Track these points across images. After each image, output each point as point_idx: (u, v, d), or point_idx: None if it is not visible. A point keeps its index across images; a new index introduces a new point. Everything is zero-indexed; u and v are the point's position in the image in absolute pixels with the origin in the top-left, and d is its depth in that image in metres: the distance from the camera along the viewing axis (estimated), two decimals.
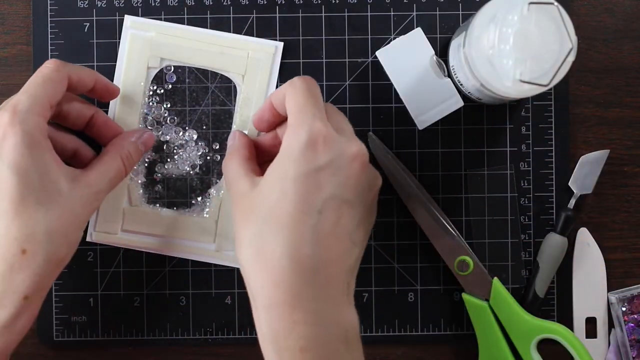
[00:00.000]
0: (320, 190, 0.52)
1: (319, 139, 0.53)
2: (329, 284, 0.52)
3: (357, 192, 0.54)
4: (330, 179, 0.53)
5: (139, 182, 0.66)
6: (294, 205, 0.52)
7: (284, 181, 0.53)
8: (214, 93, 0.66)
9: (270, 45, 0.65)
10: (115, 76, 0.65)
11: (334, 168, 0.53)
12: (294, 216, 0.52)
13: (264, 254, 0.52)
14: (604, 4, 0.67)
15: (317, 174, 0.52)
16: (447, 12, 0.66)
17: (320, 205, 0.52)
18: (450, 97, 0.63)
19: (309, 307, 0.51)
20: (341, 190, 0.53)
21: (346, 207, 0.53)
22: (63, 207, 0.55)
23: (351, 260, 0.54)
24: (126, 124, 0.65)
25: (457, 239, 0.65)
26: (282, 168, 0.53)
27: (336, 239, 0.53)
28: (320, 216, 0.52)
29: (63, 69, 0.58)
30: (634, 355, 0.65)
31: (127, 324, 0.66)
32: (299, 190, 0.52)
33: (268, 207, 0.53)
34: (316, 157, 0.53)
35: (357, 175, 0.54)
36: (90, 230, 0.65)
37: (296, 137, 0.53)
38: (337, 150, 0.53)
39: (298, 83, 0.56)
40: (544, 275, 0.65)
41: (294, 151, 0.53)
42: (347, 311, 0.53)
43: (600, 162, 0.66)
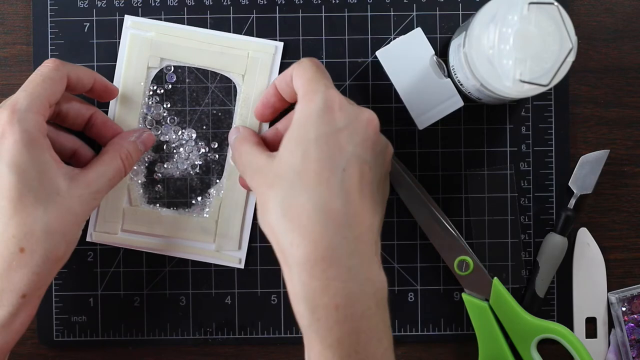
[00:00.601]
0: (342, 149, 0.53)
1: (335, 104, 0.54)
2: (360, 241, 0.53)
3: (375, 154, 0.55)
4: (350, 140, 0.53)
5: (139, 182, 0.66)
6: (319, 163, 0.53)
7: (306, 142, 0.53)
8: (214, 93, 0.66)
9: (270, 45, 0.65)
10: (115, 76, 0.65)
11: (351, 130, 0.54)
12: (321, 174, 0.52)
13: (295, 212, 0.52)
14: (604, 4, 0.67)
15: (337, 135, 0.53)
16: (447, 12, 0.66)
17: (344, 163, 0.53)
18: (450, 97, 0.63)
19: (344, 263, 0.52)
20: (360, 150, 0.54)
21: (366, 166, 0.54)
22: (61, 205, 0.55)
23: (377, 218, 0.54)
24: (126, 124, 0.65)
25: (457, 239, 0.65)
26: (301, 131, 0.54)
27: (362, 195, 0.53)
28: (344, 173, 0.53)
29: (62, 68, 0.58)
30: (634, 355, 0.65)
31: (127, 324, 0.66)
32: (322, 150, 0.53)
33: (292, 169, 0.53)
34: (334, 119, 0.54)
35: (372, 138, 0.55)
36: (90, 231, 0.65)
37: (312, 102, 0.54)
38: (352, 115, 0.54)
39: (305, 61, 0.57)
40: (544, 275, 0.65)
41: (312, 114, 0.54)
42: (377, 270, 0.54)
43: (600, 162, 0.66)
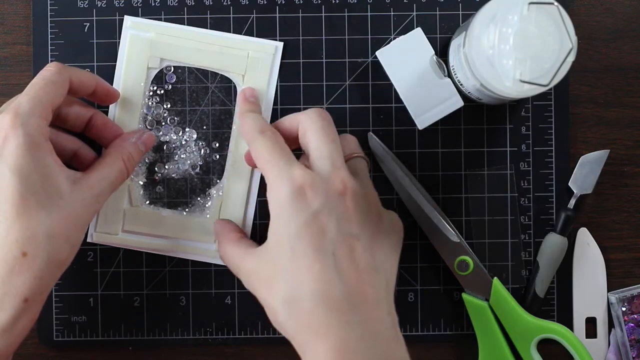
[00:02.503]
0: (325, 232, 0.53)
1: (305, 187, 0.53)
2: (369, 319, 0.52)
3: (359, 222, 0.54)
4: (331, 219, 0.53)
5: (140, 183, 0.65)
6: (308, 257, 0.52)
7: (289, 240, 0.53)
8: (214, 93, 0.66)
9: (270, 45, 0.65)
10: (115, 76, 0.65)
11: (329, 208, 0.53)
12: (312, 268, 0.52)
13: (298, 310, 0.52)
14: (604, 4, 0.67)
15: (316, 219, 0.53)
16: (447, 12, 0.66)
17: (331, 247, 0.53)
18: (450, 97, 0.63)
19: (358, 347, 0.51)
20: (343, 226, 0.53)
21: (354, 240, 0.53)
22: (64, 209, 0.55)
23: (381, 288, 0.54)
24: (126, 125, 0.65)
25: (457, 239, 0.65)
26: (281, 228, 0.54)
27: (358, 272, 0.53)
28: (335, 258, 0.52)
29: (64, 71, 0.58)
30: (634, 355, 0.65)
31: (127, 324, 0.66)
32: (307, 242, 0.52)
33: (284, 268, 0.53)
34: (308, 204, 0.53)
35: (351, 208, 0.54)
36: (90, 231, 0.65)
37: (281, 193, 0.54)
38: (325, 190, 0.54)
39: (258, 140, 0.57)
40: (544, 275, 0.65)
41: (285, 207, 0.53)
42: (394, 346, 0.53)
43: (600, 162, 0.66)
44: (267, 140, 0.57)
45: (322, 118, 0.57)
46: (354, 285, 0.52)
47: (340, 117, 0.66)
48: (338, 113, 0.66)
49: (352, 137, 0.62)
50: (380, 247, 0.55)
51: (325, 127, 0.57)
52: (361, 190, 0.55)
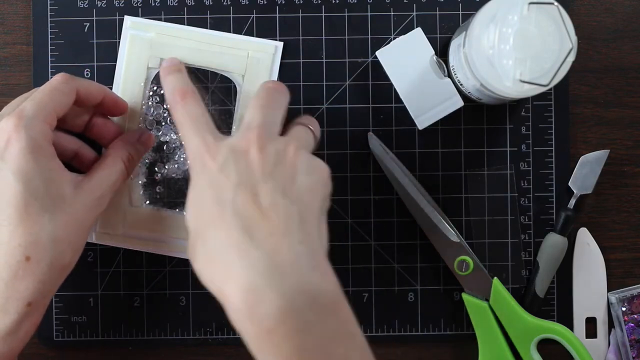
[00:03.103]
0: (225, 186, 0.52)
1: (205, 155, 0.53)
2: (278, 251, 0.50)
3: (265, 169, 0.52)
4: (230, 174, 0.52)
5: (140, 183, 0.65)
6: (210, 211, 0.52)
7: (196, 201, 0.53)
8: (214, 93, 0.66)
9: (270, 45, 0.65)
10: (115, 76, 0.65)
11: (231, 163, 0.52)
12: (215, 218, 0.51)
13: (212, 259, 0.51)
14: (604, 4, 0.67)
15: (216, 179, 0.52)
16: (447, 12, 0.66)
17: (231, 196, 0.51)
18: (450, 97, 0.63)
19: (264, 283, 0.49)
20: (246, 177, 0.52)
21: (260, 184, 0.52)
22: (67, 213, 0.55)
23: (292, 218, 0.51)
24: (126, 125, 0.65)
25: (457, 239, 0.65)
26: (191, 195, 0.54)
27: (262, 209, 0.51)
28: (235, 203, 0.51)
29: (71, 81, 0.58)
30: (634, 355, 0.65)
31: (127, 324, 0.66)
32: (207, 199, 0.52)
33: (197, 231, 0.52)
34: (208, 169, 0.53)
35: (256, 159, 0.53)
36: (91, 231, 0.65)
37: (191, 167, 0.54)
38: (227, 152, 0.53)
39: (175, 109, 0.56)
40: (544, 275, 0.65)
41: (193, 179, 0.54)
42: (310, 273, 0.50)
43: (600, 162, 0.66)
44: (182, 108, 0.56)
45: (264, 86, 0.57)
46: (256, 223, 0.51)
47: (340, 117, 0.66)
48: (338, 113, 0.66)
49: (313, 118, 0.61)
50: (295, 186, 0.53)
51: (262, 95, 0.57)
52: (273, 145, 0.54)
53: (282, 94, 0.58)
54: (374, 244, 0.66)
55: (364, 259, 0.66)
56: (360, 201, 0.66)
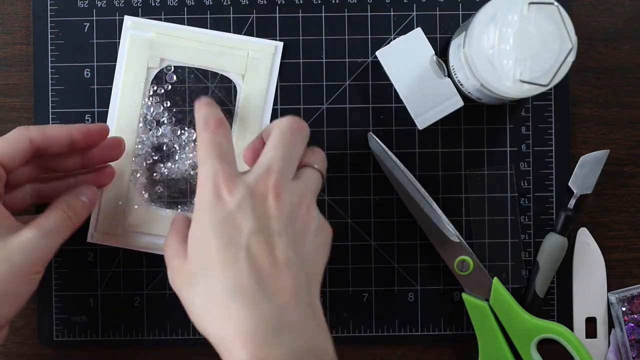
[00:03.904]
0: (240, 229, 0.52)
1: (222, 188, 0.53)
2: (286, 310, 0.50)
3: (281, 222, 0.53)
4: (247, 218, 0.52)
5: (140, 183, 0.66)
6: (221, 250, 0.51)
7: (206, 237, 0.52)
8: (214, 93, 0.66)
9: (270, 45, 0.65)
10: (115, 76, 0.65)
11: (249, 207, 0.52)
12: (225, 260, 0.51)
13: (215, 305, 0.51)
14: (604, 4, 0.67)
15: (232, 218, 0.52)
16: (447, 12, 0.66)
17: (245, 241, 0.51)
18: (450, 97, 0.63)
19: (271, 339, 0.49)
20: (262, 224, 0.52)
21: (274, 236, 0.52)
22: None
23: (301, 280, 0.52)
24: (126, 124, 0.65)
25: (457, 239, 0.65)
26: (199, 227, 0.53)
27: (276, 265, 0.51)
28: (249, 251, 0.51)
29: (23, 130, 0.58)
30: (634, 355, 0.65)
31: (127, 324, 0.66)
32: (220, 237, 0.52)
33: (202, 266, 0.52)
34: (225, 203, 0.52)
35: (273, 208, 0.53)
36: (90, 231, 0.65)
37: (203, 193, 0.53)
38: (245, 192, 0.53)
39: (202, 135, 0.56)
40: (544, 275, 0.65)
41: (204, 205, 0.53)
42: (316, 335, 0.51)
43: (600, 162, 0.66)
44: (211, 135, 0.55)
45: (288, 125, 0.56)
46: (269, 275, 0.51)
47: (340, 117, 0.66)
48: (338, 113, 0.66)
49: (320, 152, 0.59)
50: (305, 245, 0.54)
51: (284, 134, 0.56)
52: (289, 195, 0.54)
53: (304, 135, 0.57)
54: (374, 244, 0.66)
55: (364, 259, 0.66)
56: (360, 201, 0.66)
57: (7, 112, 0.67)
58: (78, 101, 0.66)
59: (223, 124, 0.56)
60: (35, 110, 0.66)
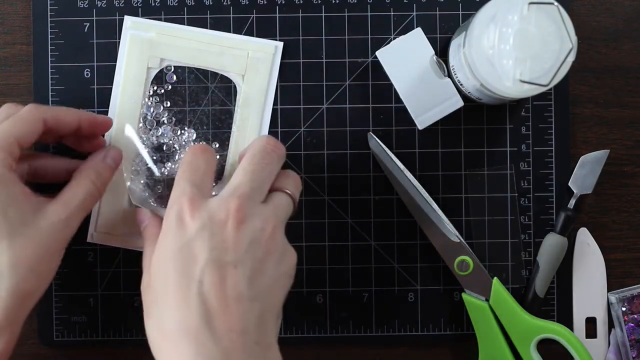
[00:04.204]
0: (195, 259, 0.51)
1: (185, 211, 0.53)
2: (233, 350, 0.50)
3: (238, 250, 0.52)
4: (204, 246, 0.52)
5: (140, 183, 0.65)
6: (175, 283, 0.51)
7: (164, 265, 0.52)
8: (214, 93, 0.66)
9: (270, 45, 0.65)
10: (115, 76, 0.65)
11: (206, 236, 0.52)
12: (178, 293, 0.51)
13: (168, 337, 0.51)
14: (604, 4, 0.67)
15: (189, 246, 0.52)
16: (447, 12, 0.66)
17: (199, 274, 0.51)
18: (450, 97, 0.63)
19: None
20: (218, 254, 0.52)
21: (229, 267, 0.51)
22: (28, 238, 0.54)
23: (252, 317, 0.51)
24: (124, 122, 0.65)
25: (457, 239, 0.65)
26: (160, 252, 0.53)
27: (226, 300, 0.51)
28: (201, 285, 0.51)
29: (36, 110, 0.57)
30: (634, 355, 0.65)
31: (127, 324, 0.66)
32: (176, 267, 0.52)
33: (158, 295, 0.52)
34: (185, 230, 0.52)
35: (232, 236, 0.52)
36: (90, 231, 0.65)
37: (168, 215, 0.54)
38: (205, 218, 0.52)
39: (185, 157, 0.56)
40: (544, 275, 0.65)
41: (167, 231, 0.53)
42: None
43: (600, 162, 0.66)
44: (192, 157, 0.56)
45: (261, 147, 0.56)
46: (217, 313, 0.50)
47: (340, 117, 0.66)
48: (338, 113, 0.66)
49: (295, 176, 0.59)
50: (265, 276, 0.53)
51: (255, 156, 0.56)
52: (253, 221, 0.53)
53: (278, 157, 0.57)
54: (374, 244, 0.66)
55: (364, 259, 0.66)
56: (360, 201, 0.66)
57: None
58: (78, 101, 0.66)
59: (208, 151, 0.56)
60: None
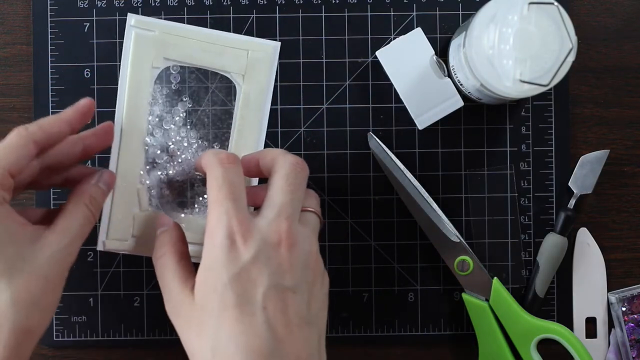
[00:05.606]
0: (256, 285, 0.51)
1: (237, 236, 0.52)
2: None
3: (295, 274, 0.52)
4: (263, 271, 0.51)
5: (146, 186, 0.65)
6: (237, 309, 0.51)
7: (220, 290, 0.51)
8: (214, 93, 0.66)
9: (269, 45, 0.65)
10: (120, 76, 0.65)
11: (262, 260, 0.52)
12: (241, 320, 0.50)
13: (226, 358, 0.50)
14: (604, 4, 0.67)
15: (247, 271, 0.51)
16: (447, 12, 0.66)
17: (261, 300, 0.51)
18: (450, 97, 0.63)
19: None
20: (277, 279, 0.51)
21: (289, 293, 0.51)
22: (28, 273, 0.52)
23: (314, 342, 0.52)
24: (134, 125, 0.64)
25: (457, 239, 0.65)
26: (213, 276, 0.52)
27: (291, 327, 0.51)
28: (265, 311, 0.51)
29: (24, 133, 0.55)
30: (634, 355, 0.65)
31: (127, 324, 0.66)
32: (236, 291, 0.51)
33: (216, 319, 0.51)
34: (239, 255, 0.52)
35: (287, 259, 0.52)
36: (101, 239, 0.64)
37: (216, 239, 0.52)
38: (259, 241, 0.52)
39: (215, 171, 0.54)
40: (544, 275, 0.65)
41: (218, 256, 0.52)
42: None
43: (600, 162, 0.66)
44: (223, 173, 0.54)
45: (293, 167, 0.55)
46: (285, 340, 0.50)
47: (340, 117, 0.66)
48: (338, 113, 0.66)
49: (316, 195, 0.59)
50: (316, 300, 0.54)
51: (290, 176, 0.55)
52: (301, 243, 0.53)
53: (306, 177, 0.56)
54: (374, 244, 0.66)
55: (364, 259, 0.66)
56: (360, 201, 0.66)
57: (7, 112, 0.67)
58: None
59: (236, 160, 0.55)
60: (35, 110, 0.66)
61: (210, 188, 0.54)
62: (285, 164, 0.56)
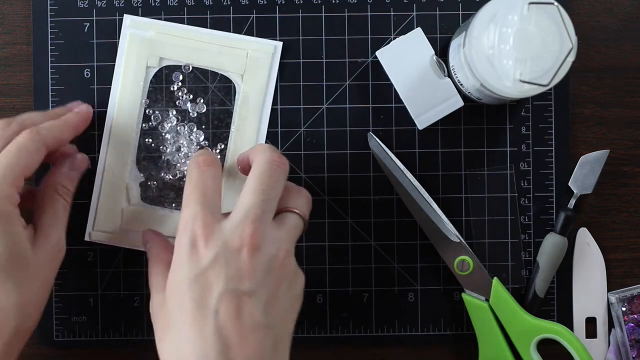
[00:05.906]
0: (211, 289, 0.51)
1: (198, 239, 0.52)
2: None
3: (254, 278, 0.52)
4: (220, 276, 0.51)
5: (138, 182, 0.65)
6: (192, 311, 0.51)
7: (179, 293, 0.52)
8: (213, 93, 0.66)
9: (269, 45, 0.65)
10: (114, 75, 0.65)
11: (221, 264, 0.51)
12: (194, 324, 0.51)
13: None
14: (604, 4, 0.67)
15: (205, 275, 0.51)
16: (447, 12, 0.66)
17: (214, 304, 0.51)
18: (450, 97, 0.63)
19: None
20: (234, 283, 0.51)
21: (245, 297, 0.51)
22: (31, 273, 0.54)
23: (267, 346, 0.51)
24: (125, 123, 0.65)
25: (457, 239, 0.65)
26: (175, 278, 0.53)
27: (242, 331, 0.51)
28: (217, 316, 0.50)
29: (38, 137, 0.56)
30: (634, 355, 0.65)
31: (127, 324, 0.66)
32: (192, 296, 0.51)
33: (174, 324, 0.52)
34: (199, 258, 0.52)
35: (248, 264, 0.52)
36: (88, 230, 0.65)
37: (181, 239, 0.53)
38: (220, 246, 0.52)
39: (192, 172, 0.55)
40: (544, 275, 0.65)
41: (182, 257, 0.53)
42: None
43: (600, 162, 0.66)
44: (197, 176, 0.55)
45: (269, 164, 0.55)
46: (234, 345, 0.50)
47: (340, 117, 0.66)
48: (338, 113, 0.66)
49: (308, 195, 0.58)
50: (280, 302, 0.53)
51: (264, 175, 0.54)
52: (267, 247, 0.53)
53: (283, 171, 0.56)
54: (374, 244, 0.66)
55: (364, 259, 0.66)
56: (360, 201, 0.66)
57: (7, 112, 0.67)
58: None
59: (213, 163, 0.56)
60: (35, 110, 0.66)
61: (184, 190, 0.55)
62: (261, 162, 0.55)
